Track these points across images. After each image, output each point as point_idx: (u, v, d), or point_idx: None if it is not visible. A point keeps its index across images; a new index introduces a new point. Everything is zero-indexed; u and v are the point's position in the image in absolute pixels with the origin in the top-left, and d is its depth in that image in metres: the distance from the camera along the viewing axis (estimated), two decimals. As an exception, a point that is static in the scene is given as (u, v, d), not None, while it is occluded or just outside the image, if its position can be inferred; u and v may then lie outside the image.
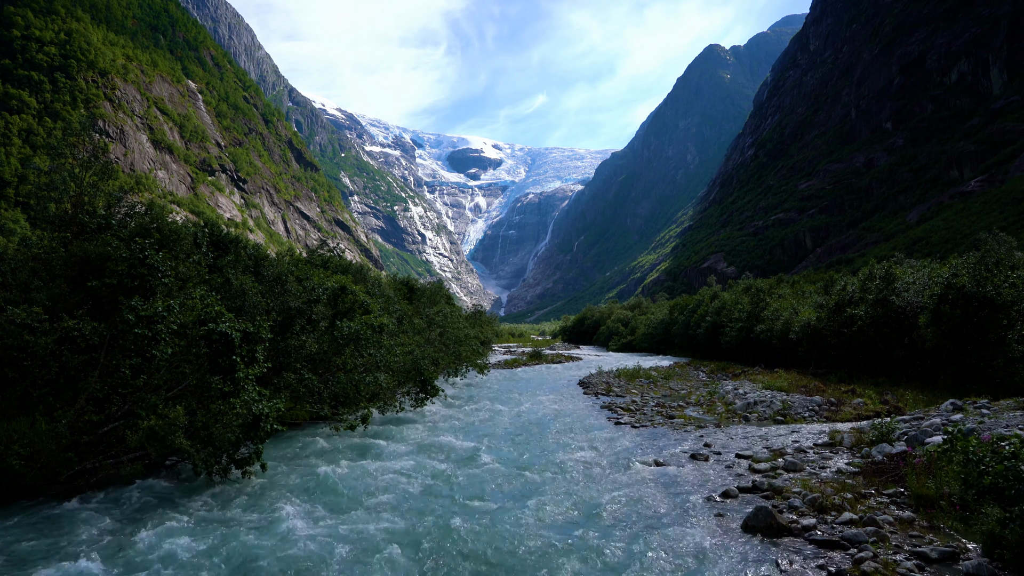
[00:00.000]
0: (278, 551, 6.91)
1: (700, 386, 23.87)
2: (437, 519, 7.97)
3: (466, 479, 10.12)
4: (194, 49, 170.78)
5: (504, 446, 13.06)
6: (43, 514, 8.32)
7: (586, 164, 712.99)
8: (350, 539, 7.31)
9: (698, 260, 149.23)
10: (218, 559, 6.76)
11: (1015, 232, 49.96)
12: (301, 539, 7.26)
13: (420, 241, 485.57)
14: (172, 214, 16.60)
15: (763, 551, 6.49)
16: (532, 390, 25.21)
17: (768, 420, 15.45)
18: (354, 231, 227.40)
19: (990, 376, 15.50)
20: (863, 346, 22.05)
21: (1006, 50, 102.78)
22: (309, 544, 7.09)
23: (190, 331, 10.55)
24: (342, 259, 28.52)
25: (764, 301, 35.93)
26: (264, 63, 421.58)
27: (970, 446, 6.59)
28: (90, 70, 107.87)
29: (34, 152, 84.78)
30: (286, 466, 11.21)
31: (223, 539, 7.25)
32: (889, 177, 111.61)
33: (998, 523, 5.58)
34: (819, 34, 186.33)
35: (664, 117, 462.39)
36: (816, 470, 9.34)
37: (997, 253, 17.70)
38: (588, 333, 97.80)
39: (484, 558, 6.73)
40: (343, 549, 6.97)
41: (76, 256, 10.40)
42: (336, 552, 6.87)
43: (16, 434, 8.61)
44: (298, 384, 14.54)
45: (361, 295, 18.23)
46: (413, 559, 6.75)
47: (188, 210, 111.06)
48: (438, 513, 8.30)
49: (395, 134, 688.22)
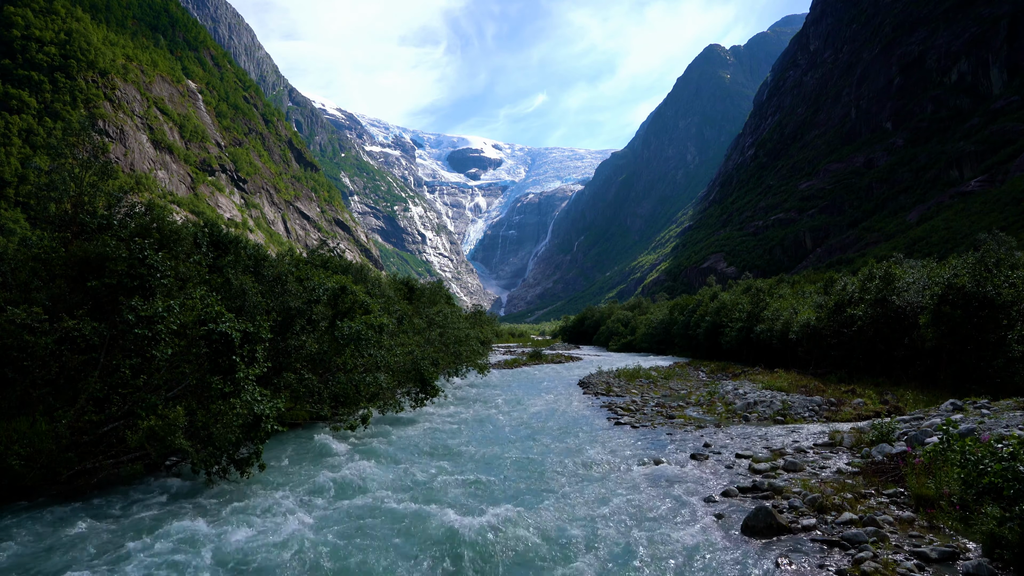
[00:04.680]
0: (278, 551, 6.91)
1: (700, 386, 23.87)
2: (437, 519, 7.97)
3: (466, 479, 10.12)
4: (194, 49, 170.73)
5: (504, 446, 13.06)
6: (43, 514, 8.32)
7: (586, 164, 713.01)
8: (350, 540, 7.31)
9: (698, 260, 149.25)
10: (217, 559, 6.76)
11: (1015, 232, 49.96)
12: (301, 539, 7.26)
13: (420, 241, 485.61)
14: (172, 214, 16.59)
15: (763, 551, 6.49)
16: (532, 390, 25.21)
17: (768, 420, 15.45)
18: (354, 231, 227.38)
19: (990, 376, 15.49)
20: (863, 346, 22.05)
21: (1006, 50, 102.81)
22: (309, 544, 7.09)
23: (190, 331, 10.55)
24: (342, 259, 28.53)
25: (764, 301, 35.93)
26: (264, 63, 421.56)
27: (966, 446, 6.59)
28: (90, 70, 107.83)
29: (34, 152, 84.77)
30: (286, 466, 11.21)
31: (222, 539, 7.25)
32: (889, 177, 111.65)
33: (998, 523, 5.59)
34: (819, 34, 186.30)
35: (664, 117, 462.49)
36: (816, 470, 9.34)
37: (997, 253, 17.70)
38: (588, 333, 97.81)
39: (483, 559, 6.73)
40: (343, 550, 6.97)
41: (76, 256, 10.39)
42: (336, 553, 6.87)
43: (16, 434, 8.61)
44: (298, 384, 14.54)
45: (361, 295, 18.24)
46: (413, 560, 6.75)
47: (188, 210, 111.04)
48: (437, 514, 8.30)
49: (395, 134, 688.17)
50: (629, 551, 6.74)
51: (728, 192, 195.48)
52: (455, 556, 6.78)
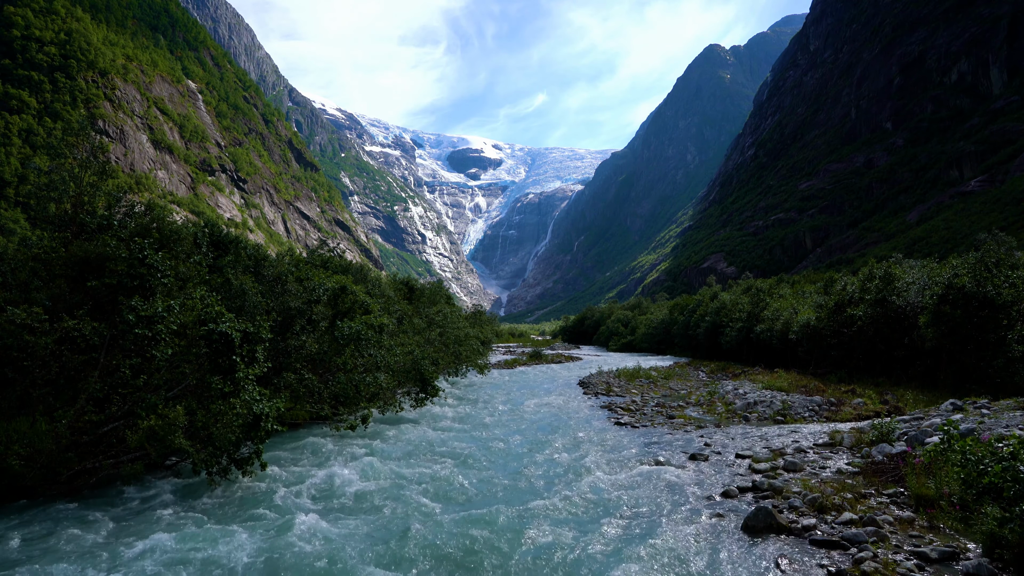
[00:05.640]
0: (277, 551, 6.91)
1: (700, 386, 23.87)
2: (437, 520, 7.97)
3: (465, 480, 10.12)
4: (194, 49, 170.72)
5: (503, 446, 13.06)
6: (43, 514, 8.32)
7: (586, 164, 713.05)
8: (349, 539, 7.32)
9: (698, 260, 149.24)
10: (217, 559, 6.76)
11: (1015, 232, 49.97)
12: (300, 539, 7.26)
13: (420, 241, 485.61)
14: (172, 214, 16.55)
15: (763, 551, 6.49)
16: (532, 390, 25.21)
17: (768, 420, 15.45)
18: (354, 231, 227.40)
19: (990, 376, 15.49)
20: (863, 346, 22.05)
21: (1006, 50, 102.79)
22: (308, 544, 7.09)
23: (190, 331, 10.55)
24: (342, 259, 28.52)
25: (764, 301, 35.94)
26: (264, 63, 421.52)
27: (966, 446, 6.59)
28: (90, 70, 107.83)
29: (34, 152, 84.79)
30: (286, 466, 11.20)
31: (222, 539, 7.25)
32: (889, 177, 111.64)
33: (998, 523, 5.58)
34: (819, 34, 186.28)
35: (664, 117, 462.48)
36: (816, 470, 9.34)
37: (997, 253, 17.68)
38: (588, 333, 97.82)
39: (482, 560, 6.73)
40: (342, 549, 6.96)
41: (76, 256, 10.39)
42: (335, 552, 6.87)
43: (16, 434, 8.61)
44: (298, 384, 14.54)
45: (361, 295, 18.24)
46: (413, 559, 6.74)
47: (188, 210, 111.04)
48: (437, 515, 8.30)
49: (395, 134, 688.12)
50: (629, 551, 6.73)
51: (728, 192, 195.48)
52: (456, 556, 6.78)
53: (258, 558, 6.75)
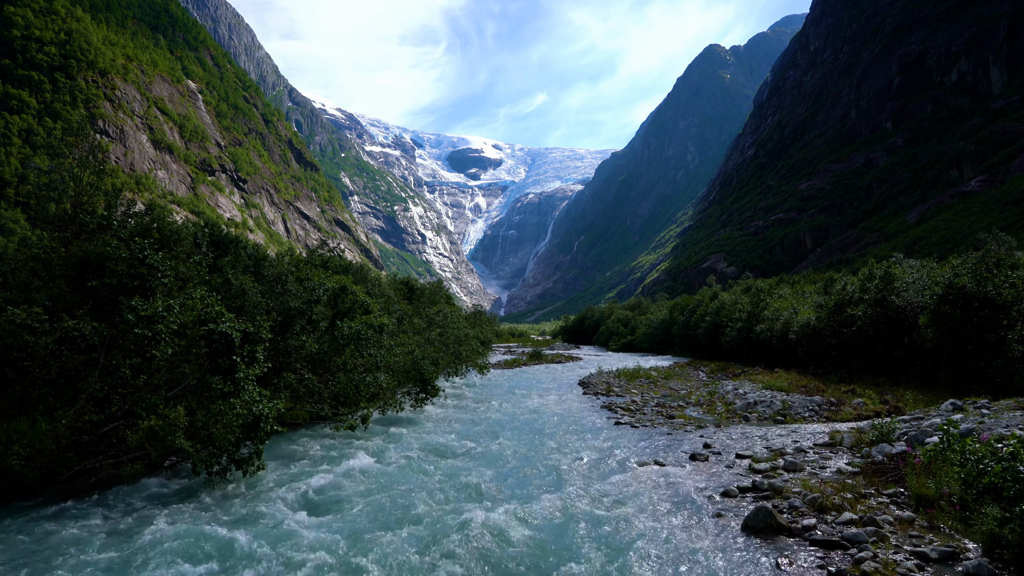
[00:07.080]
0: (277, 551, 6.91)
1: (700, 386, 23.87)
2: (436, 519, 7.97)
3: (465, 480, 10.12)
4: (194, 49, 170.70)
5: (503, 446, 13.06)
6: (43, 514, 8.32)
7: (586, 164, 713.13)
8: (349, 539, 7.31)
9: (698, 260, 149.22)
10: (217, 559, 6.76)
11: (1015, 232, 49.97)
12: (300, 539, 7.26)
13: (420, 241, 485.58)
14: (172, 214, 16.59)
15: (763, 551, 6.49)
16: (532, 390, 25.21)
17: (768, 420, 15.45)
18: (354, 231, 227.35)
19: (990, 376, 15.49)
20: (863, 346, 22.05)
21: (1006, 50, 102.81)
22: (308, 544, 7.09)
23: (190, 331, 10.55)
24: (342, 259, 28.52)
25: (764, 301, 35.94)
26: (264, 63, 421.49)
27: (966, 446, 6.59)
28: (90, 70, 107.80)
29: (34, 152, 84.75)
30: (286, 466, 11.20)
31: (222, 539, 7.25)
32: (889, 177, 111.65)
33: (998, 523, 5.58)
34: (819, 34, 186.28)
35: (664, 117, 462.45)
36: (816, 470, 9.34)
37: (997, 253, 17.70)
38: (588, 333, 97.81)
39: (483, 558, 6.73)
40: (342, 549, 6.97)
41: (76, 256, 10.39)
42: (335, 552, 6.87)
43: (16, 434, 8.61)
44: (298, 384, 14.54)
45: (361, 295, 18.24)
46: (414, 559, 6.74)
47: (188, 210, 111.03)
48: (437, 515, 8.30)
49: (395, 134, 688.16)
50: (629, 550, 6.73)
51: (728, 192, 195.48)
52: (456, 555, 6.78)
53: (257, 558, 6.75)
